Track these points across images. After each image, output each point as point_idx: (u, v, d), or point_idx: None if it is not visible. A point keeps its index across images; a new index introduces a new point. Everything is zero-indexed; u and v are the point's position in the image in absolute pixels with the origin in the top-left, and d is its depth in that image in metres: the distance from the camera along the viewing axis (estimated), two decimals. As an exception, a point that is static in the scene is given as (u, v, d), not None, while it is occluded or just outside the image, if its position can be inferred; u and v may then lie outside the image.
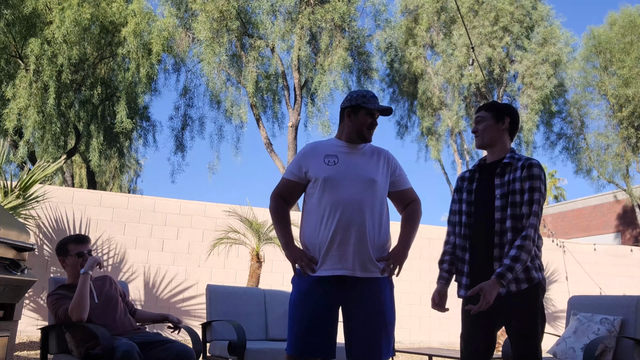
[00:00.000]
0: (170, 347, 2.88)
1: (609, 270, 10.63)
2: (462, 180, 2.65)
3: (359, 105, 2.56)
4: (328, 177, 2.47)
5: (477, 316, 2.41)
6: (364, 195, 2.45)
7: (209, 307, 4.25)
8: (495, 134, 2.53)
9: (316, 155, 2.56)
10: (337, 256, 2.39)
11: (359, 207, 2.42)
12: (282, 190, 2.61)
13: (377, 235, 2.46)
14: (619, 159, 17.07)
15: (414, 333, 9.13)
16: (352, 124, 2.58)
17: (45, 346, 3.09)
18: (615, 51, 16.90)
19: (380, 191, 2.52)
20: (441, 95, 17.30)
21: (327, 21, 13.91)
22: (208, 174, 15.60)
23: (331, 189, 2.45)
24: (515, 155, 2.48)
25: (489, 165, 2.55)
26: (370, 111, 2.56)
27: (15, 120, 12.10)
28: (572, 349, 3.76)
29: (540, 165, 2.42)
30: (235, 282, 8.13)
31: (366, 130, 2.57)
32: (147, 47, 13.67)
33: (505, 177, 2.44)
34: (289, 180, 2.59)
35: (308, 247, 2.48)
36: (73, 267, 3.10)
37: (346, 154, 2.55)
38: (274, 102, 15.82)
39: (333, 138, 2.68)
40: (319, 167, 2.51)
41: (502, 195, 2.41)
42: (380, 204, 2.51)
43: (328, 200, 2.44)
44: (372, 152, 2.61)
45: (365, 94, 2.59)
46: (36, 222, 7.26)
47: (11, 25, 12.39)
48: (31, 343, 6.52)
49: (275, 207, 2.60)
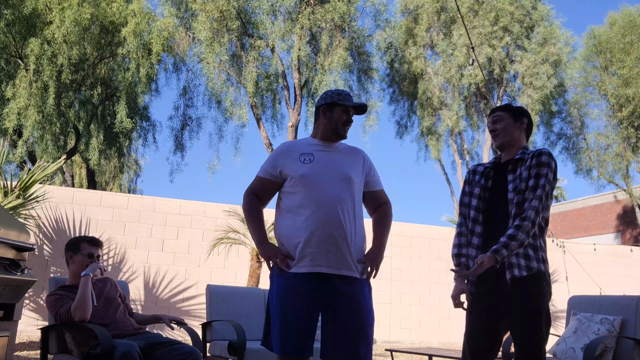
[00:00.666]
0: (178, 348, 2.86)
1: (609, 270, 10.64)
2: (474, 173, 2.63)
3: (334, 102, 2.59)
4: (304, 175, 2.47)
5: (482, 315, 2.40)
6: (341, 193, 2.45)
7: (209, 307, 4.25)
8: (515, 133, 2.53)
9: (291, 153, 2.56)
10: (317, 253, 2.38)
11: (337, 205, 2.42)
12: (255, 188, 2.62)
13: (354, 233, 2.45)
14: (619, 159, 17.07)
15: (414, 333, 9.12)
16: (327, 122, 2.60)
17: (45, 346, 3.09)
18: (615, 51, 16.90)
19: (356, 189, 2.53)
20: (441, 95, 17.30)
21: (327, 21, 13.91)
22: (208, 173, 15.59)
23: (308, 187, 2.45)
24: (527, 151, 2.48)
25: (504, 164, 2.54)
26: (345, 108, 2.59)
27: (14, 120, 12.10)
28: (572, 349, 3.76)
29: (550, 154, 2.41)
30: (235, 282, 8.13)
31: (341, 126, 2.59)
32: (147, 47, 13.67)
33: (518, 171, 2.43)
34: (263, 179, 2.59)
35: (286, 245, 2.46)
36: (79, 266, 3.10)
37: (322, 152, 2.56)
38: (273, 102, 15.82)
39: (309, 137, 2.69)
40: (294, 165, 2.51)
41: (514, 189, 2.40)
42: (356, 202, 2.52)
43: (305, 198, 2.44)
44: (348, 151, 2.64)
45: (340, 92, 2.62)
46: (36, 222, 7.26)
47: (11, 25, 12.39)
48: (31, 343, 6.52)
49: (249, 205, 2.59)
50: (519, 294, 2.31)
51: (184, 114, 15.62)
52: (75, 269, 3.12)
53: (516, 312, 2.31)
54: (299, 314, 2.35)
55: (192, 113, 15.74)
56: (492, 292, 2.40)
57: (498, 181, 2.51)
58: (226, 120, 15.39)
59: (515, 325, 2.32)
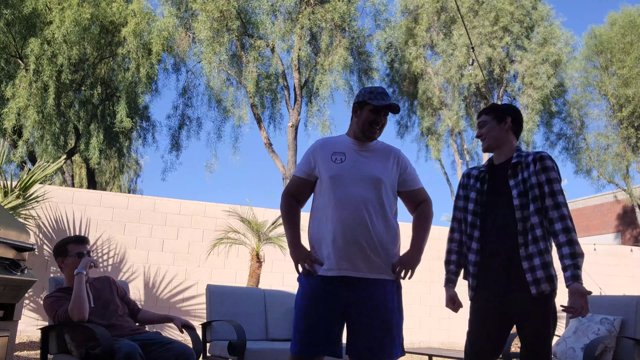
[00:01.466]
0: (171, 347, 2.87)
1: (609, 270, 10.63)
2: (468, 177, 2.61)
3: (364, 101, 2.49)
4: (334, 176, 2.42)
5: (486, 316, 2.39)
6: (369, 195, 2.39)
7: (209, 307, 4.25)
8: (500, 134, 2.51)
9: (324, 152, 2.50)
10: (342, 256, 2.34)
11: (363, 207, 2.36)
12: (292, 188, 2.57)
13: (383, 235, 2.39)
14: (619, 159, 17.07)
15: (414, 333, 9.13)
16: (357, 121, 2.52)
17: (45, 346, 3.09)
18: (615, 51, 16.90)
19: (387, 190, 2.44)
20: (441, 95, 17.30)
21: (327, 21, 13.91)
22: (205, 172, 15.60)
23: (336, 188, 2.40)
24: (522, 153, 2.47)
25: (498, 166, 2.53)
26: (375, 108, 2.47)
27: (14, 119, 12.10)
28: (572, 349, 3.76)
29: (551, 157, 2.41)
30: (235, 282, 8.13)
31: (368, 127, 2.48)
32: (147, 47, 13.67)
33: (519, 176, 2.41)
34: (298, 178, 2.54)
35: (314, 245, 2.45)
36: (72, 268, 3.08)
37: (354, 152, 2.49)
38: (273, 102, 15.83)
39: (343, 135, 2.61)
40: (326, 164, 2.46)
41: (519, 194, 2.38)
42: (387, 203, 2.43)
43: (333, 198, 2.39)
44: (382, 150, 2.54)
45: (373, 90, 2.50)
46: (36, 222, 7.26)
47: (11, 25, 12.39)
48: (31, 343, 6.51)
49: (285, 206, 2.56)
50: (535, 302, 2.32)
51: (182, 114, 15.63)
52: (69, 272, 3.10)
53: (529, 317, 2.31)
54: (315, 316, 2.34)
55: (191, 113, 15.76)
56: (494, 294, 2.39)
57: (494, 184, 2.50)
58: (225, 120, 15.42)
59: (524, 326, 2.32)
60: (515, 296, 2.33)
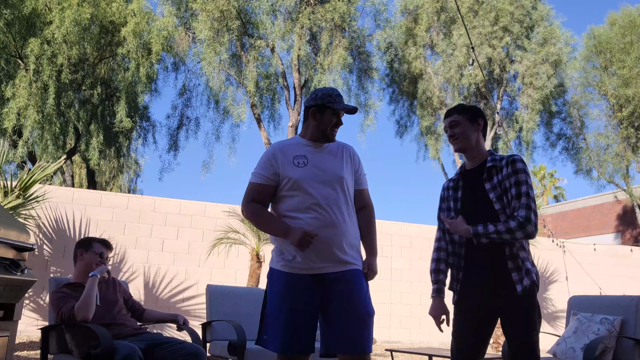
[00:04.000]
0: (181, 347, 2.87)
1: (609, 270, 10.63)
2: (447, 189, 2.64)
3: (324, 104, 2.55)
4: (299, 179, 2.46)
5: (469, 314, 2.43)
6: (335, 194, 2.48)
7: (209, 307, 4.25)
8: (473, 135, 2.52)
9: (284, 156, 2.53)
10: (315, 256, 2.41)
11: (332, 207, 2.45)
12: (253, 196, 2.53)
13: (350, 232, 2.50)
14: (619, 159, 17.07)
15: (414, 333, 9.13)
16: (317, 124, 2.57)
17: (46, 346, 3.09)
18: (615, 51, 16.90)
19: (349, 188, 2.55)
20: (441, 95, 17.30)
21: (327, 21, 13.91)
22: (201, 172, 15.59)
23: (302, 190, 2.45)
24: (496, 157, 2.49)
25: (471, 171, 2.55)
26: (335, 111, 2.56)
27: (14, 119, 12.10)
28: (572, 349, 3.76)
29: (522, 160, 2.43)
30: (235, 282, 8.13)
31: (330, 130, 2.56)
32: (146, 46, 13.67)
33: (494, 179, 2.44)
34: (259, 185, 2.52)
35: (282, 249, 2.48)
36: (88, 264, 3.12)
37: (314, 154, 2.55)
38: (273, 102, 15.84)
39: (297, 137, 2.65)
40: (288, 168, 2.49)
41: (498, 198, 2.41)
42: (350, 200, 2.55)
43: (301, 202, 2.45)
44: (337, 149, 2.62)
45: (330, 92, 2.57)
46: (36, 222, 7.26)
47: (11, 25, 12.39)
48: (31, 343, 6.51)
49: (254, 211, 2.51)
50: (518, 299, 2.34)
51: (181, 114, 15.64)
52: (82, 267, 3.13)
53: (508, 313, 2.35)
54: (296, 313, 2.39)
55: (190, 113, 15.76)
56: (478, 292, 2.43)
57: (468, 189, 2.53)
58: (224, 120, 15.42)
59: (508, 325, 2.34)
60: (501, 295, 2.36)
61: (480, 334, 2.43)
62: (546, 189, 34.01)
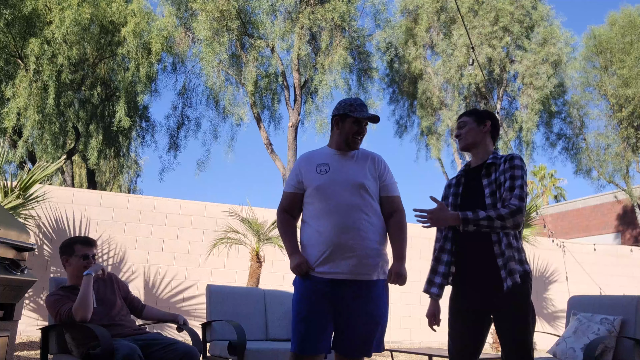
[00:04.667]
0: (175, 347, 2.88)
1: (609, 270, 10.63)
2: (449, 187, 2.69)
3: (346, 114, 2.65)
4: (319, 186, 2.57)
5: (464, 313, 2.45)
6: (356, 200, 2.54)
7: (209, 307, 4.25)
8: (478, 135, 2.60)
9: (309, 165, 2.66)
10: (334, 261, 2.49)
11: (351, 213, 2.51)
12: (284, 204, 2.72)
13: (371, 237, 2.53)
14: (619, 159, 17.07)
15: (414, 333, 9.13)
16: (340, 132, 2.68)
17: (45, 346, 3.09)
18: (615, 51, 16.90)
19: (371, 194, 2.60)
20: (441, 95, 17.30)
21: (327, 21, 13.91)
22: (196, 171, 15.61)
23: (323, 197, 2.55)
24: (498, 155, 2.55)
25: (474, 169, 2.61)
26: (357, 120, 2.64)
27: (14, 119, 12.10)
28: (572, 349, 3.76)
29: (521, 158, 2.48)
30: (235, 282, 8.13)
31: (352, 138, 2.65)
32: (146, 46, 13.67)
33: (492, 176, 2.49)
34: (288, 193, 2.71)
35: (308, 253, 2.57)
36: (75, 268, 3.10)
37: (337, 161, 2.64)
38: (272, 101, 15.84)
39: (325, 146, 2.77)
40: (311, 176, 2.62)
41: (491, 193, 2.46)
42: (372, 206, 2.59)
43: (321, 208, 2.55)
44: (363, 157, 2.70)
45: (352, 102, 2.67)
46: (36, 222, 7.26)
47: (11, 25, 12.39)
48: (31, 343, 6.51)
49: (280, 222, 2.72)
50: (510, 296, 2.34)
51: (181, 114, 15.64)
52: (72, 271, 3.12)
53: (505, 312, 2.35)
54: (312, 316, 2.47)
55: (190, 113, 15.76)
56: (473, 292, 2.44)
57: (469, 185, 2.58)
58: (224, 120, 15.41)
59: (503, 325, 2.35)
60: (492, 293, 2.37)
61: (476, 333, 2.44)
62: (546, 189, 34.02)
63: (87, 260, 3.10)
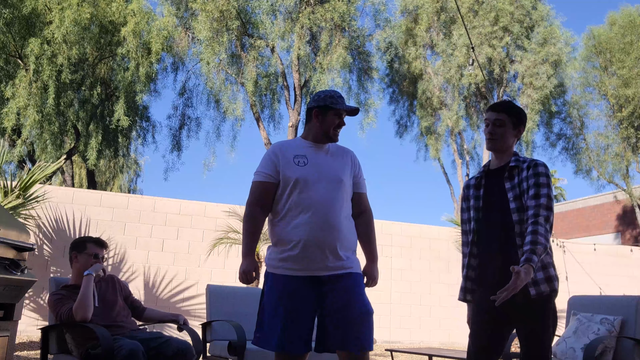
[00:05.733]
0: (168, 343, 2.89)
1: (609, 270, 10.64)
2: (468, 188, 2.63)
3: (326, 105, 2.59)
4: (300, 178, 2.49)
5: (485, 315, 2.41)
6: (335, 195, 2.50)
7: (209, 307, 4.25)
8: (511, 140, 2.50)
9: (286, 154, 2.56)
10: (311, 257, 2.43)
11: (329, 207, 2.46)
12: (257, 195, 2.56)
13: (347, 233, 2.52)
14: (618, 159, 17.07)
15: (414, 333, 9.12)
16: (320, 125, 2.61)
17: (45, 346, 3.08)
18: (615, 51, 16.90)
19: (347, 190, 2.58)
20: (441, 95, 17.30)
21: (327, 21, 13.91)
22: (203, 170, 15.58)
23: (302, 190, 2.48)
24: (520, 158, 2.48)
25: (495, 170, 2.54)
26: (338, 112, 2.59)
27: (14, 119, 12.10)
28: (572, 349, 3.76)
29: (545, 165, 2.43)
30: (235, 282, 8.13)
31: (333, 130, 2.60)
32: (146, 46, 13.67)
33: (515, 179, 2.43)
34: (261, 183, 2.55)
35: (280, 247, 2.49)
36: (83, 265, 3.11)
37: (315, 154, 2.58)
38: (272, 101, 15.83)
39: (299, 138, 2.69)
40: (289, 167, 2.52)
41: (515, 198, 2.40)
42: (348, 202, 2.58)
43: (300, 201, 2.47)
44: (338, 152, 2.66)
45: (332, 94, 2.61)
46: (36, 222, 7.26)
47: (11, 25, 12.38)
48: (31, 343, 6.51)
49: (250, 217, 2.55)
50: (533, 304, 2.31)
51: (182, 114, 15.64)
52: (79, 268, 3.13)
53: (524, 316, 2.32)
54: (294, 314, 2.41)
55: (191, 113, 15.76)
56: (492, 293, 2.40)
57: (490, 188, 2.52)
58: (224, 119, 15.41)
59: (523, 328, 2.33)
60: (515, 297, 2.33)
61: (496, 335, 2.40)
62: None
63: (97, 260, 3.12)
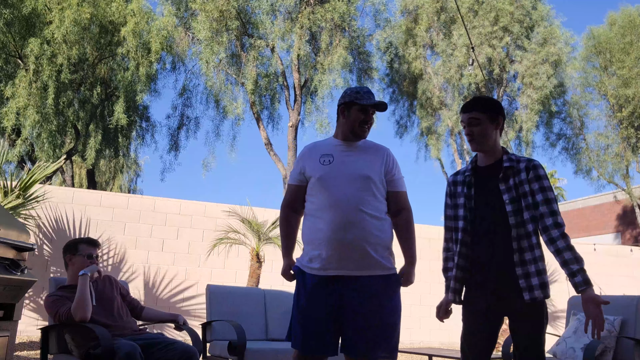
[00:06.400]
0: (174, 347, 2.88)
1: (609, 270, 10.63)
2: (455, 184, 2.56)
3: (352, 101, 2.52)
4: (321, 177, 2.46)
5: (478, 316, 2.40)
6: (359, 193, 2.41)
7: (209, 307, 4.25)
8: (492, 135, 2.43)
9: (313, 155, 2.55)
10: (336, 256, 2.38)
11: (354, 205, 2.39)
12: (288, 198, 2.63)
13: (375, 231, 2.41)
14: (618, 159, 17.07)
15: (414, 333, 9.12)
16: (345, 122, 2.55)
17: (45, 346, 3.08)
18: (615, 51, 16.90)
19: (376, 187, 2.46)
20: (441, 95, 17.29)
21: (327, 21, 13.91)
22: (202, 170, 15.60)
23: (325, 189, 2.43)
24: (512, 157, 2.43)
25: (485, 169, 2.47)
26: (363, 107, 2.51)
27: (13, 119, 12.10)
28: (572, 349, 3.76)
29: (542, 166, 2.41)
30: (235, 282, 8.13)
31: (358, 127, 2.52)
32: (146, 46, 13.67)
33: (510, 181, 2.38)
34: (292, 186, 2.61)
35: (307, 247, 2.49)
36: (78, 267, 3.11)
37: (342, 152, 2.52)
38: (272, 101, 15.84)
39: (331, 137, 2.65)
40: (314, 167, 2.50)
41: (512, 200, 2.35)
42: (379, 199, 2.46)
43: (322, 200, 2.44)
44: (370, 149, 2.57)
45: (359, 90, 2.54)
46: (36, 222, 7.25)
47: (11, 24, 12.38)
48: (31, 343, 6.51)
49: (283, 219, 2.66)
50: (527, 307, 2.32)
51: (181, 114, 15.63)
52: (74, 270, 3.13)
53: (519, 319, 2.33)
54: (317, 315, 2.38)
55: (190, 113, 15.75)
56: (485, 294, 2.40)
57: (482, 187, 2.45)
58: (224, 119, 15.42)
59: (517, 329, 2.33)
60: (508, 301, 2.34)
61: (489, 335, 2.41)
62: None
63: (91, 260, 3.13)
